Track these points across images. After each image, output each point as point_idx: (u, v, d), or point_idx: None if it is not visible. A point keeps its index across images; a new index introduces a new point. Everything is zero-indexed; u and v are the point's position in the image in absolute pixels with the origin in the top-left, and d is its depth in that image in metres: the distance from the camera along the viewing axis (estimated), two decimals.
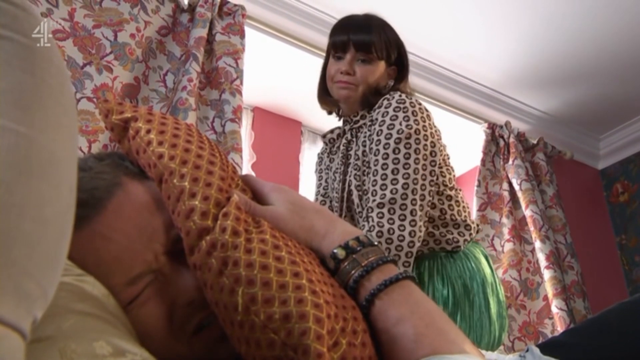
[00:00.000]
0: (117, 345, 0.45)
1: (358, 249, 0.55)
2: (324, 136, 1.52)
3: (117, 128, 0.62)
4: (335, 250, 0.55)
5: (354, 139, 1.39)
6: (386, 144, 1.21)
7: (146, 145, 0.58)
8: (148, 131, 0.59)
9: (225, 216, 0.52)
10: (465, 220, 1.35)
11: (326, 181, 1.51)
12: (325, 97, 1.45)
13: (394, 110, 1.23)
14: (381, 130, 1.23)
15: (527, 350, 0.83)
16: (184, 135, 0.59)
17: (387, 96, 1.29)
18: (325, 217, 0.60)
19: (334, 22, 2.34)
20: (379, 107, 1.28)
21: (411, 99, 1.27)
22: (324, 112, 1.54)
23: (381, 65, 1.36)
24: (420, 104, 1.28)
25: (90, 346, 0.43)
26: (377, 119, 1.26)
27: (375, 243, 0.58)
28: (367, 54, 1.34)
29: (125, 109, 0.62)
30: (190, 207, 0.52)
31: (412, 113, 1.23)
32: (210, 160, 0.57)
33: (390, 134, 1.21)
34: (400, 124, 1.21)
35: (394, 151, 1.19)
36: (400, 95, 1.27)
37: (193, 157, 0.56)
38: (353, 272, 0.53)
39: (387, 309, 0.51)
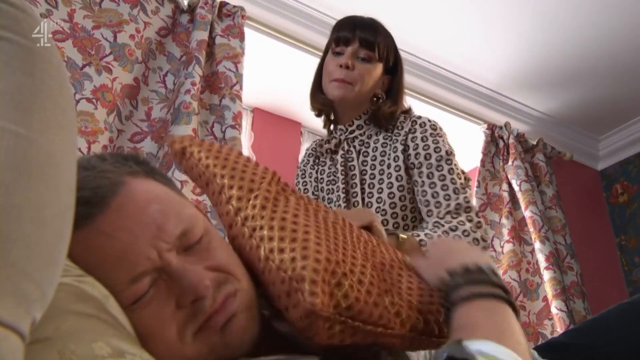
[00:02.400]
0: (116, 346, 0.45)
1: (482, 277, 0.63)
2: (320, 146, 1.46)
3: (178, 154, 0.79)
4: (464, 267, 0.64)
5: (352, 150, 1.37)
6: (439, 165, 1.26)
7: (197, 161, 0.76)
8: (199, 152, 0.78)
9: (256, 197, 0.69)
10: None
11: (313, 194, 1.46)
12: (319, 95, 1.40)
13: (431, 136, 1.30)
14: (429, 154, 1.28)
15: None
16: (225, 150, 0.78)
17: (416, 119, 1.32)
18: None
19: (333, 22, 2.34)
20: (412, 132, 1.30)
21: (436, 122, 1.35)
22: None
23: (379, 68, 1.34)
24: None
25: (89, 347, 0.43)
26: (417, 145, 1.29)
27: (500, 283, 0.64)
28: (369, 52, 1.31)
29: (184, 140, 0.82)
30: (230, 195, 0.69)
31: (444, 136, 1.32)
32: (244, 164, 0.75)
33: (441, 156, 1.27)
34: (444, 146, 1.29)
35: (449, 172, 1.26)
36: (429, 120, 1.32)
37: (231, 163, 0.74)
38: (464, 287, 0.61)
39: (469, 309, 0.59)
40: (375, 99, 1.37)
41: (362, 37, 1.32)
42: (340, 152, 1.38)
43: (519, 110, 2.93)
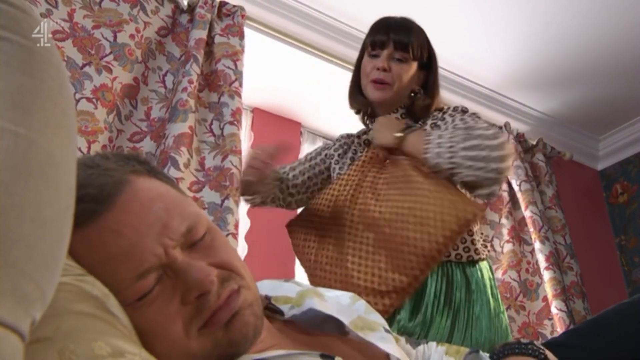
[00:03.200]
0: (116, 345, 0.45)
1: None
2: (357, 137, 1.54)
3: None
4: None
5: None
6: (464, 119, 1.35)
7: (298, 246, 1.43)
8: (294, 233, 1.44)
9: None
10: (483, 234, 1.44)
11: (321, 171, 1.54)
12: (358, 96, 1.48)
13: (464, 111, 1.41)
14: (456, 117, 1.37)
15: None
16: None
17: (451, 113, 1.41)
18: None
19: (333, 23, 2.33)
20: (445, 112, 1.40)
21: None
22: (324, 113, 1.53)
23: (414, 66, 1.42)
24: None
25: (89, 347, 0.43)
26: (449, 115, 1.38)
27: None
28: (404, 53, 1.39)
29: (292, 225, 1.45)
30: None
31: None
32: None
33: (472, 113, 1.38)
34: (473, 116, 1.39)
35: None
36: (464, 110, 1.41)
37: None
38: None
39: None
40: (412, 94, 1.46)
41: (396, 39, 1.39)
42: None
43: (519, 110, 2.93)
